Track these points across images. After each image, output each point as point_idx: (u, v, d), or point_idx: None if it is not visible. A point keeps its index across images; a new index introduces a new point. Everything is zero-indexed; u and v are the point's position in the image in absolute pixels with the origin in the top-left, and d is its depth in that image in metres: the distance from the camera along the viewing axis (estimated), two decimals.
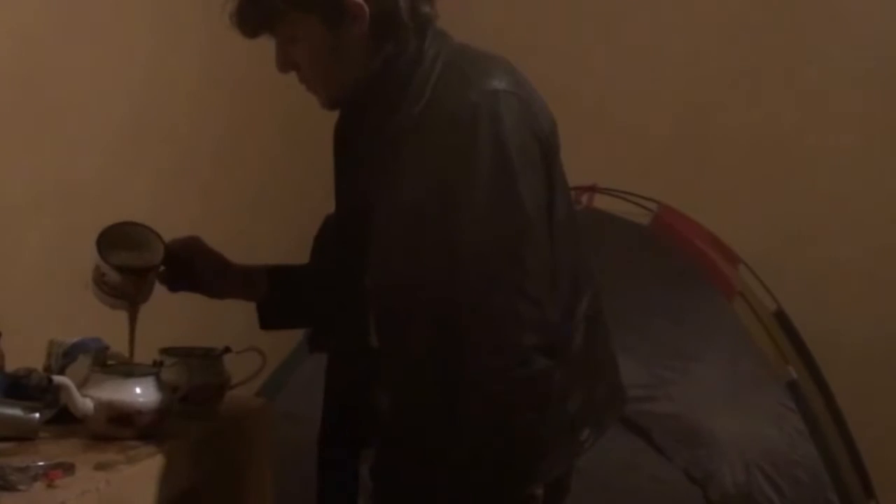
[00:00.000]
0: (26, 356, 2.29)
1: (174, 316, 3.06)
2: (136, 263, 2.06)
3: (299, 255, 2.23)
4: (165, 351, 2.23)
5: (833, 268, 3.41)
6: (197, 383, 2.14)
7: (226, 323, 3.21)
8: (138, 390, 2.01)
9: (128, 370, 2.05)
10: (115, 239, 2.05)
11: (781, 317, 3.09)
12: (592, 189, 3.17)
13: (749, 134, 3.59)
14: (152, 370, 2.05)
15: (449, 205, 1.79)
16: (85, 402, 1.96)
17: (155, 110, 2.99)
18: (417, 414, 1.89)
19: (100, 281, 2.06)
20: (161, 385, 2.04)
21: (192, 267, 2.09)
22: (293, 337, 3.17)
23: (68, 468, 1.77)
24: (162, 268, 2.09)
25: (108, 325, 2.56)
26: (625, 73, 3.65)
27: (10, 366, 2.20)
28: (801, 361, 3.04)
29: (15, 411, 1.96)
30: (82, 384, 2.01)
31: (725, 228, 3.26)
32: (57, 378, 1.97)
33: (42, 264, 2.63)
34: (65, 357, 2.24)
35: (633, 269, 2.88)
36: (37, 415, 1.97)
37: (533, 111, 1.85)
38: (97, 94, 2.78)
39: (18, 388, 2.15)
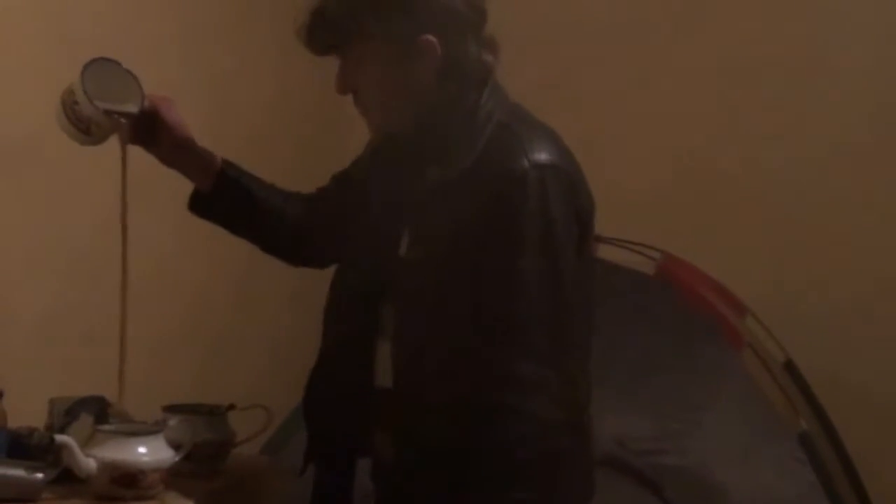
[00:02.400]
0: (27, 415, 2.26)
1: (175, 369, 3.05)
2: (113, 105, 1.97)
3: None
4: (169, 408, 2.20)
5: (842, 314, 3.38)
6: (201, 441, 2.11)
7: (229, 377, 3.20)
8: (142, 450, 1.98)
9: (131, 429, 2.02)
10: (99, 72, 1.97)
11: (791, 367, 3.06)
12: (595, 239, 3.14)
13: (750, 180, 3.57)
14: (156, 429, 2.03)
15: (488, 270, 1.78)
16: (88, 462, 1.93)
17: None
18: (429, 461, 1.85)
19: (69, 105, 1.97)
20: (165, 444, 2.01)
21: (156, 129, 2.02)
22: (297, 393, 3.15)
23: None
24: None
25: (110, 383, 2.55)
26: (623, 120, 3.64)
27: (11, 424, 2.16)
28: (811, 412, 3.01)
29: (17, 472, 1.93)
30: (85, 443, 1.98)
31: (730, 276, 3.24)
32: (59, 437, 1.94)
33: (42, 322, 2.60)
34: (66, 415, 2.21)
35: (640, 320, 2.86)
36: (40, 475, 1.95)
37: (577, 189, 1.85)
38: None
39: (20, 447, 2.13)
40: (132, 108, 1.98)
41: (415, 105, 1.87)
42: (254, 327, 3.34)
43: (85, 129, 1.98)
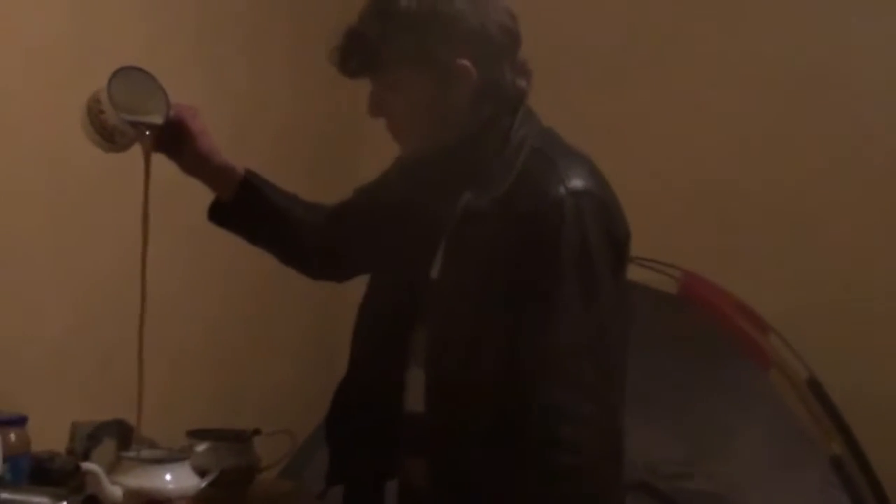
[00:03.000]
0: (46, 438, 2.23)
1: (191, 392, 3.02)
2: (139, 115, 1.95)
3: None
4: (193, 433, 2.17)
5: (866, 330, 3.34)
6: (227, 467, 2.07)
7: (245, 399, 3.17)
8: (168, 477, 1.96)
9: (157, 456, 1.99)
10: (126, 80, 1.95)
11: (814, 385, 3.02)
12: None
13: (771, 197, 3.54)
14: (182, 455, 2.00)
15: (526, 298, 1.76)
16: (114, 490, 1.90)
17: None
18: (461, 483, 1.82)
19: (95, 113, 1.95)
20: (191, 471, 1.98)
21: (180, 138, 2.00)
22: (313, 415, 3.12)
23: None
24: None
25: (128, 405, 2.51)
26: (642, 138, 3.61)
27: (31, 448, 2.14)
28: (836, 430, 2.97)
29: (42, 500, 1.90)
30: (110, 470, 1.95)
31: (751, 294, 3.21)
32: (85, 465, 1.91)
33: (62, 345, 2.57)
34: (89, 440, 2.19)
35: (665, 340, 2.81)
36: (64, 503, 1.90)
37: (613, 215, 1.83)
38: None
39: (42, 472, 2.10)
40: (157, 119, 1.97)
41: (448, 129, 1.85)
42: (271, 349, 3.31)
43: (109, 137, 1.97)
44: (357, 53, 1.84)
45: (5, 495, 1.79)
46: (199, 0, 3.00)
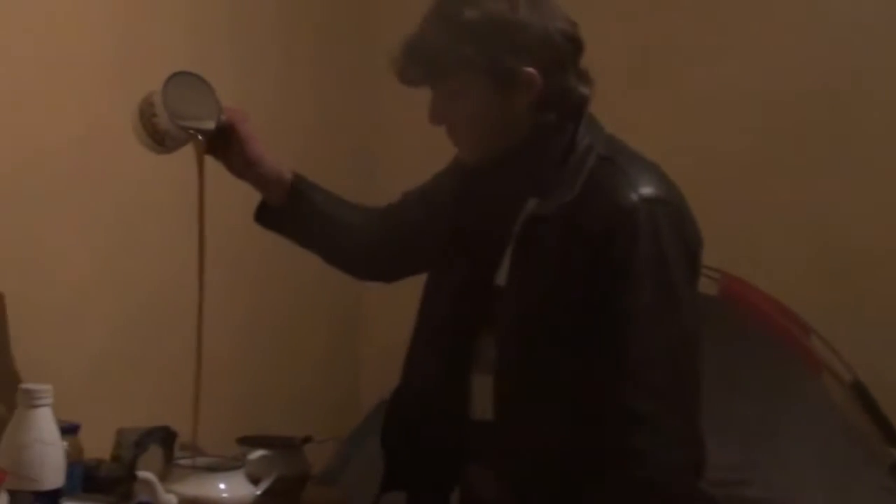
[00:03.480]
0: (87, 447, 2.19)
1: (222, 397, 2.99)
2: (190, 120, 1.95)
3: None
4: (243, 440, 2.13)
5: None
6: (279, 476, 2.03)
7: (275, 406, 3.13)
8: (223, 486, 1.92)
9: (211, 464, 1.95)
10: (179, 84, 1.95)
11: (859, 387, 2.97)
12: None
13: (806, 198, 3.49)
14: (237, 464, 1.96)
15: (602, 308, 1.73)
16: (169, 499, 1.86)
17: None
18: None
19: (147, 116, 1.95)
20: (245, 480, 1.95)
21: (229, 142, 2.01)
22: (342, 421, 3.09)
23: None
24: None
25: (168, 411, 2.47)
26: (679, 140, 3.56)
27: None
28: (880, 434, 2.92)
29: None
30: (161, 477, 1.91)
31: (789, 296, 3.16)
32: (141, 473, 1.87)
33: (101, 354, 2.53)
34: (136, 447, 2.14)
35: (712, 344, 2.77)
36: None
37: (686, 222, 1.82)
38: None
39: (90, 480, 2.06)
40: (209, 124, 1.97)
41: (511, 136, 1.84)
42: (295, 356, 3.28)
43: (160, 140, 1.97)
44: (420, 63, 1.81)
45: None
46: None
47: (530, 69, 1.79)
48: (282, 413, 3.10)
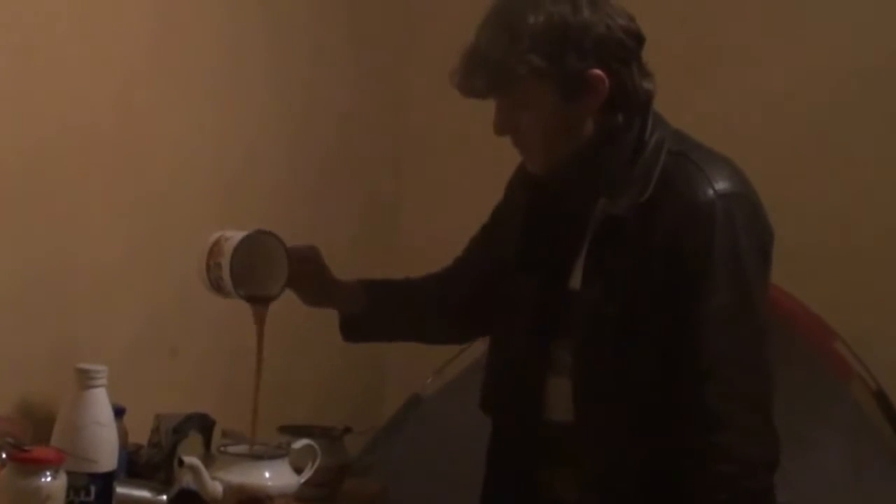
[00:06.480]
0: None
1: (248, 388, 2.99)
2: (255, 285, 1.93)
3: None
4: (284, 429, 2.13)
5: None
6: (322, 465, 2.03)
7: (296, 397, 3.12)
8: (268, 474, 1.92)
9: (257, 452, 1.95)
10: (251, 245, 1.91)
11: (881, 397, 2.97)
12: None
13: (829, 202, 3.48)
14: (281, 452, 1.96)
15: (679, 307, 1.73)
16: (215, 485, 1.86)
17: (253, 166, 2.91)
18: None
19: (214, 275, 1.92)
20: (289, 468, 1.95)
21: (301, 284, 1.99)
22: (366, 412, 3.09)
23: None
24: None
25: (195, 396, 2.47)
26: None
27: None
28: None
29: (143, 493, 1.89)
30: (207, 464, 1.91)
31: (814, 301, 3.16)
32: (188, 458, 1.87)
33: (136, 334, 2.53)
34: (175, 433, 2.14)
35: None
36: (163, 497, 1.89)
37: (760, 217, 1.80)
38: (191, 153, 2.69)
39: (131, 465, 2.06)
40: (274, 289, 1.94)
41: (580, 139, 1.80)
42: (319, 347, 3.27)
43: (222, 295, 1.95)
44: (483, 74, 1.76)
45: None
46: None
47: (597, 71, 1.76)
48: (306, 405, 3.10)
